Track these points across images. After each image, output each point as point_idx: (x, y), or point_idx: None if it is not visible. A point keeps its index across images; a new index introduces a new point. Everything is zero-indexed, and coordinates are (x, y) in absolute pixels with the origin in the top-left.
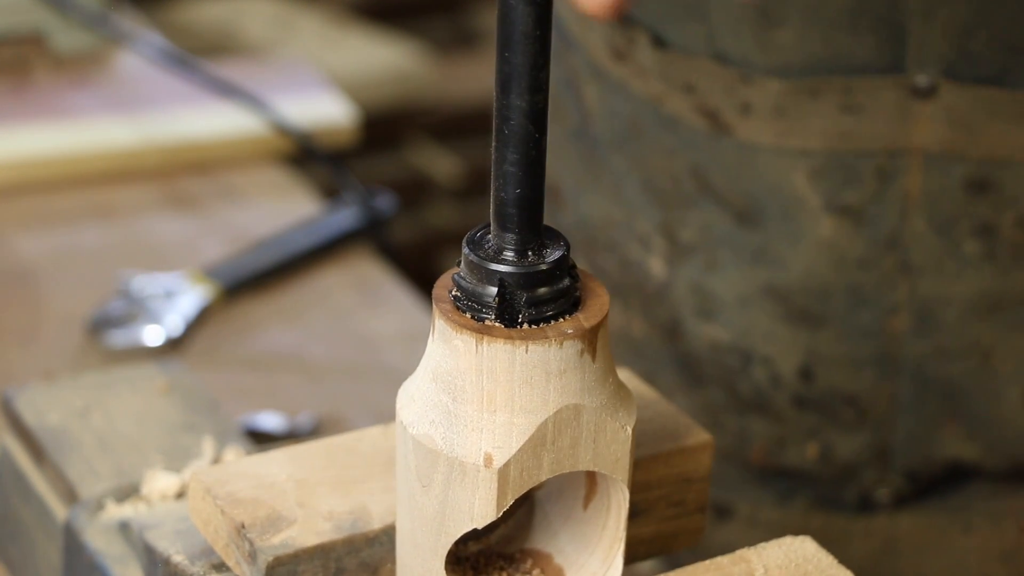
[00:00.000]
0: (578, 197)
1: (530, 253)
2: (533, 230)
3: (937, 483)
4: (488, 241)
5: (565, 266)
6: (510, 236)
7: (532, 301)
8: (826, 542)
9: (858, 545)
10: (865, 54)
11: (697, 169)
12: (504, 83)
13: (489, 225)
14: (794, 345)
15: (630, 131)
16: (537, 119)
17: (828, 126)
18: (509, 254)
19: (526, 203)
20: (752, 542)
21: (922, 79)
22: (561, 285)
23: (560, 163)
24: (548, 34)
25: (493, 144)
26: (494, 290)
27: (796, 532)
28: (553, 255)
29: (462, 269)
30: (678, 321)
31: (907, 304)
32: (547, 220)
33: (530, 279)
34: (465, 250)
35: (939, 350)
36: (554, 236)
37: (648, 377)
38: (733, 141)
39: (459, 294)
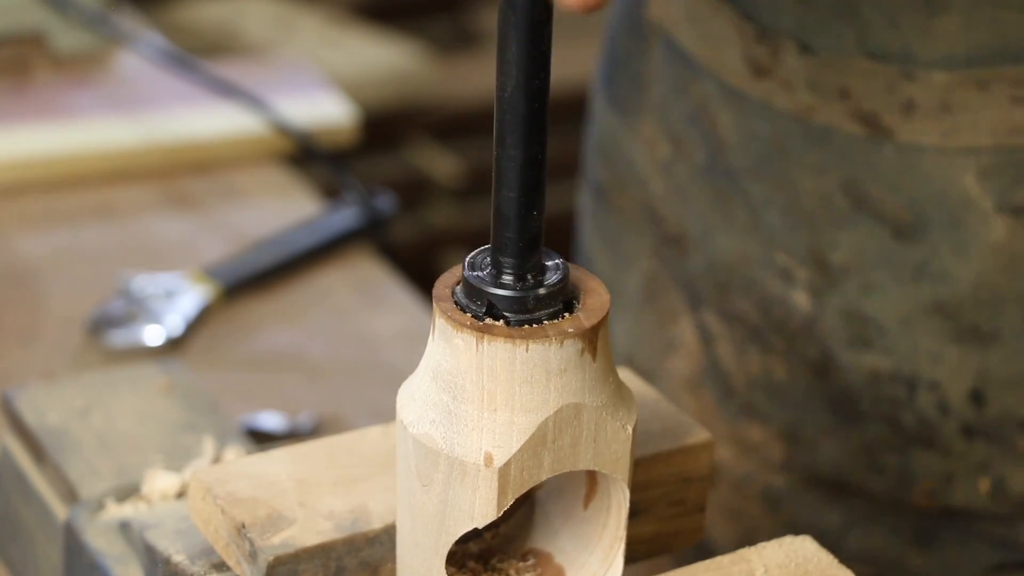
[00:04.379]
0: (708, 239)
1: (529, 277)
2: (532, 253)
3: None
4: (487, 264)
5: (564, 291)
6: (509, 260)
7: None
8: None
9: None
10: None
11: (851, 184)
12: (502, 110)
13: (490, 248)
14: (964, 366)
15: (773, 153)
16: (534, 141)
17: (999, 120)
18: (508, 278)
19: (525, 228)
20: None
21: None
22: (556, 306)
23: (685, 207)
24: (547, 66)
25: (494, 161)
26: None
27: None
28: (552, 279)
29: (461, 291)
30: (829, 356)
31: None
32: (672, 270)
33: (526, 304)
34: (465, 272)
35: None
36: (552, 259)
37: (795, 423)
38: (894, 146)
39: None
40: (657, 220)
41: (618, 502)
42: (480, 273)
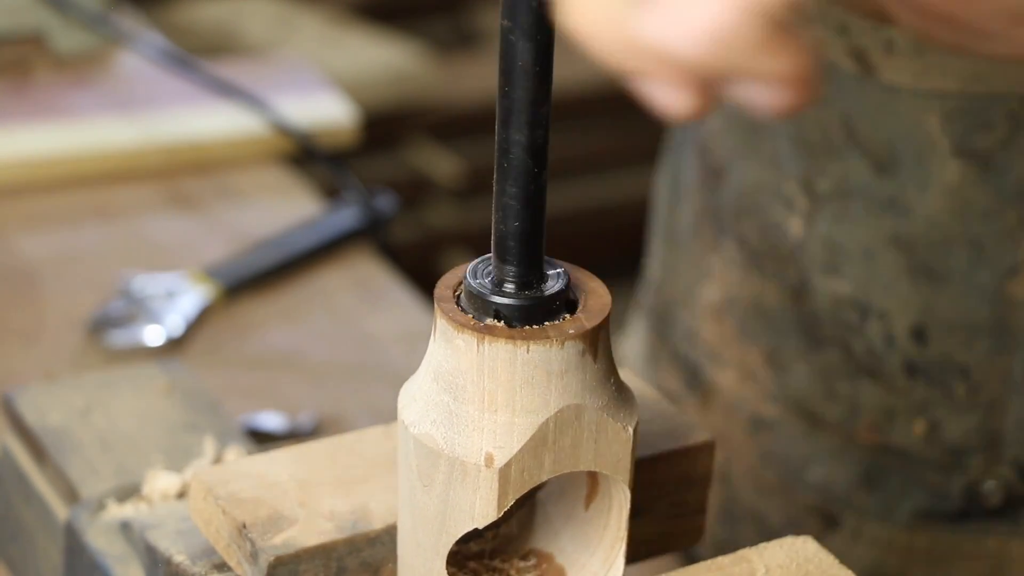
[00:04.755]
0: (736, 169)
1: (531, 285)
2: (534, 262)
3: None
4: (489, 273)
5: (565, 299)
6: (510, 268)
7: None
8: (933, 562)
9: (965, 568)
10: None
11: (846, 118)
12: (504, 117)
13: (491, 256)
14: (911, 301)
15: None
16: (537, 153)
17: (964, 65)
18: (509, 286)
19: (526, 236)
20: (857, 557)
21: None
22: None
23: (726, 140)
24: (550, 68)
25: (495, 177)
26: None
27: (901, 551)
28: (554, 287)
29: (463, 299)
30: (806, 280)
31: None
32: (707, 201)
33: (528, 312)
34: (466, 280)
35: None
36: (554, 268)
37: (778, 349)
38: (877, 84)
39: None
40: (705, 152)
41: (619, 503)
42: (482, 281)
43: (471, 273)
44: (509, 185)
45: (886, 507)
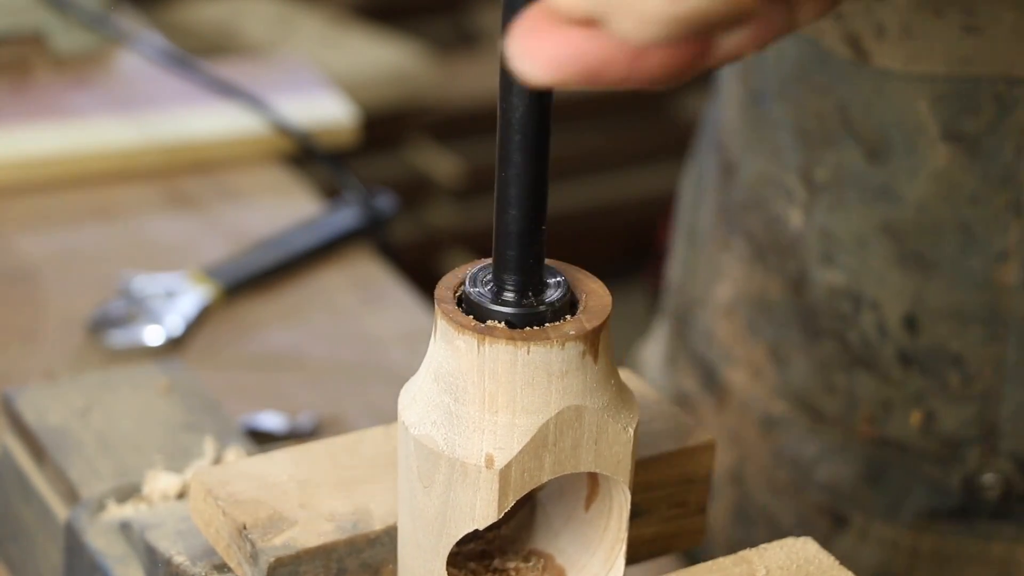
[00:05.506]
0: (745, 164)
1: (530, 294)
2: (534, 269)
3: None
4: (489, 281)
5: (565, 307)
6: (511, 277)
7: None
8: (939, 564)
9: (971, 573)
10: None
11: (842, 106)
12: (505, 125)
13: (491, 263)
14: (902, 290)
15: (795, 75)
16: (538, 161)
17: (951, 48)
18: (509, 294)
19: (526, 245)
20: (865, 557)
21: None
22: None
23: (737, 134)
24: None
25: (496, 184)
26: None
27: (907, 552)
28: (553, 295)
29: (463, 306)
30: (804, 272)
31: (1017, 250)
32: (721, 196)
33: (528, 320)
34: (466, 289)
35: None
36: (555, 277)
37: (779, 342)
38: (870, 70)
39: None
40: (720, 147)
41: (619, 504)
42: (481, 289)
43: (471, 281)
44: (510, 191)
45: (890, 506)
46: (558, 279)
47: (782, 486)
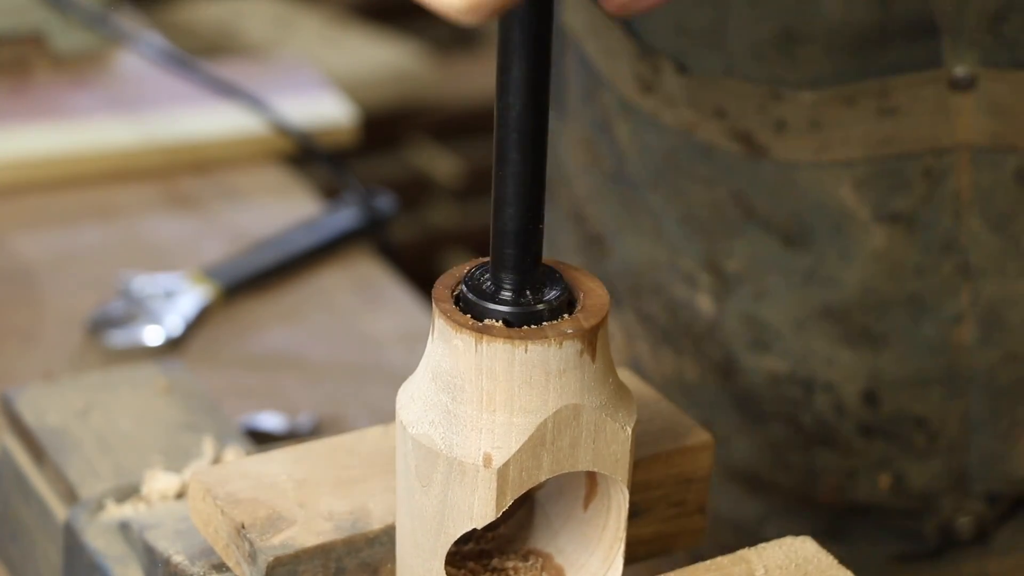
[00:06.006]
0: (620, 243)
1: (528, 293)
2: (531, 270)
3: (1021, 508)
4: (487, 281)
5: (563, 306)
6: (508, 276)
7: None
8: None
9: None
10: (898, 55)
11: (739, 195)
12: (503, 126)
13: (489, 263)
14: (857, 368)
15: (665, 165)
16: (536, 163)
17: (868, 133)
18: (507, 294)
19: (525, 244)
20: None
21: (960, 70)
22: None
23: (601, 209)
24: (547, 84)
25: (493, 186)
26: None
27: None
28: (551, 295)
29: (461, 305)
30: (731, 358)
31: (971, 311)
32: (593, 270)
33: (526, 319)
34: (463, 289)
35: (1009, 356)
36: (552, 275)
37: (705, 422)
38: (771, 162)
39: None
40: (581, 219)
41: (618, 503)
42: (479, 289)
43: (468, 280)
44: (510, 194)
45: (856, 557)
46: (556, 278)
47: (726, 546)
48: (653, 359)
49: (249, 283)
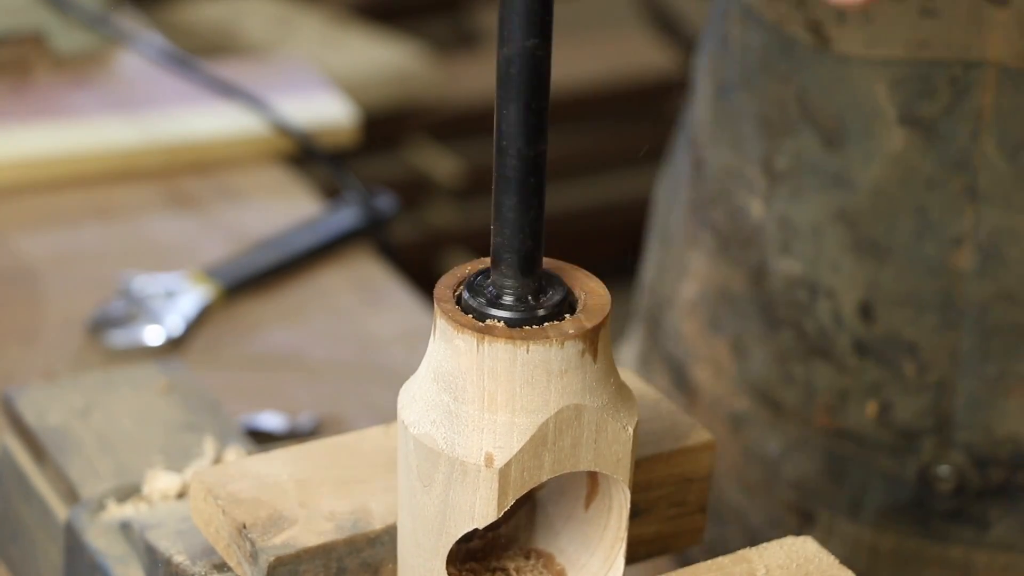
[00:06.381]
0: (713, 157)
1: (529, 298)
2: (533, 276)
3: (1012, 504)
4: (488, 285)
5: (563, 310)
6: (510, 282)
7: None
8: (899, 565)
9: (931, 574)
10: None
11: (801, 92)
12: (505, 130)
13: (489, 269)
14: (857, 277)
15: (759, 64)
16: (537, 167)
17: (910, 31)
18: (508, 299)
19: (526, 249)
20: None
21: None
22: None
23: (706, 129)
24: (548, 80)
25: (493, 189)
26: None
27: (867, 551)
28: (552, 299)
29: (462, 305)
30: (763, 262)
31: (971, 236)
32: (693, 194)
33: (527, 319)
34: (464, 294)
35: (1004, 293)
36: (553, 280)
37: (740, 334)
38: (831, 56)
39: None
40: (694, 144)
41: (619, 503)
42: (480, 289)
43: (470, 280)
44: (509, 198)
45: (852, 502)
46: (557, 278)
47: (752, 484)
48: (712, 275)
49: (249, 283)
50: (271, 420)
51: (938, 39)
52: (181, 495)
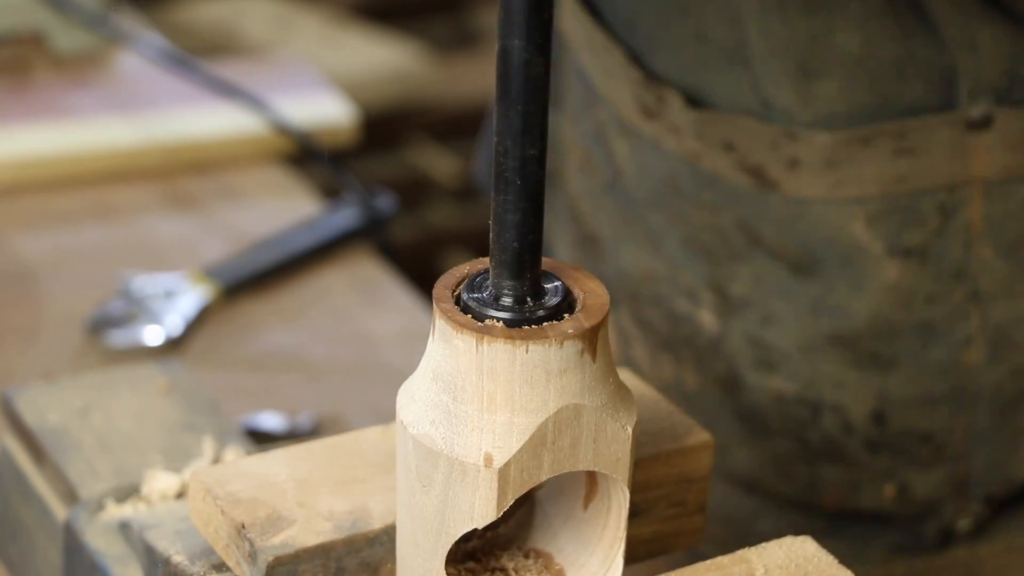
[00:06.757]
0: (617, 248)
1: (529, 299)
2: (532, 276)
3: (1015, 502)
4: (487, 285)
5: (563, 311)
6: (509, 283)
7: None
8: None
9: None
10: (914, 97)
11: (744, 223)
12: (504, 133)
13: (489, 270)
14: (865, 391)
15: (666, 188)
16: (537, 169)
17: (884, 171)
18: (507, 300)
19: (525, 251)
20: None
21: (976, 111)
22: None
23: (598, 213)
24: (547, 83)
25: (493, 192)
26: None
27: None
28: (551, 299)
29: (461, 305)
30: (736, 374)
31: (980, 333)
32: (589, 267)
33: (526, 319)
34: (464, 294)
35: (1016, 371)
36: (552, 280)
37: (710, 427)
38: (781, 196)
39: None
40: (577, 217)
41: (618, 503)
42: (479, 289)
43: (469, 280)
44: (510, 200)
45: (856, 551)
46: (556, 278)
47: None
48: (651, 364)
49: (249, 283)
50: (270, 420)
51: (918, 173)
52: (180, 495)
